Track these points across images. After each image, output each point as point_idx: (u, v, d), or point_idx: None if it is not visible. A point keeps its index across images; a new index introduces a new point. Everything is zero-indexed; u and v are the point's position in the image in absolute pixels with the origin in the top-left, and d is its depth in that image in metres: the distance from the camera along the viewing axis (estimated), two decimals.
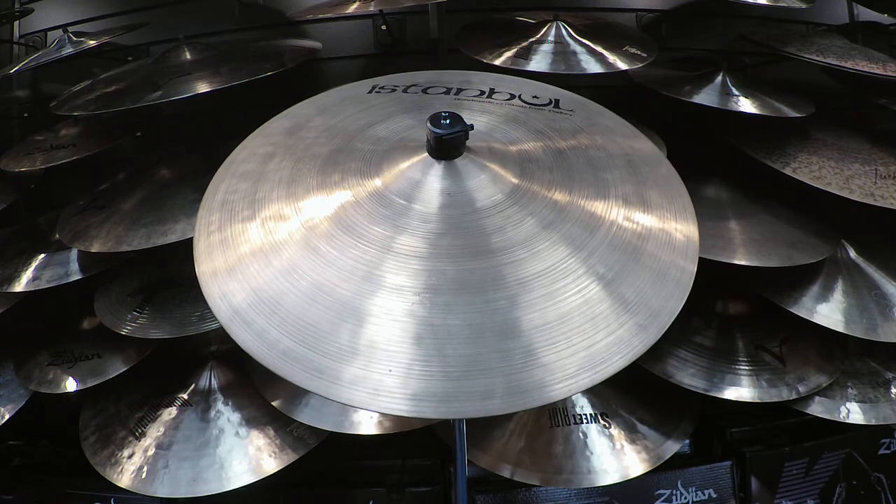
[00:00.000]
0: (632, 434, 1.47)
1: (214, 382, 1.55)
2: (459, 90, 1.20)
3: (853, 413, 1.50)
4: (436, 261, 0.87)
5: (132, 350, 1.52)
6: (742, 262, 1.38)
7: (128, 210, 1.50)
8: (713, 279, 1.56)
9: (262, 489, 1.43)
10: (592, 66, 1.51)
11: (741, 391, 1.45)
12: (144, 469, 1.40)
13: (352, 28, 1.99)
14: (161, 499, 1.41)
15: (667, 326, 0.85)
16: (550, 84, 1.27)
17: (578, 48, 1.56)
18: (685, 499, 1.53)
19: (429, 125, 0.95)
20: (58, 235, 1.53)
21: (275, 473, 1.40)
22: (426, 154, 0.98)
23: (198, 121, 1.95)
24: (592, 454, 1.43)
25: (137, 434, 1.46)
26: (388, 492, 1.51)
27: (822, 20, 2.05)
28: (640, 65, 1.55)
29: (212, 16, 1.97)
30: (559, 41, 1.58)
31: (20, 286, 1.52)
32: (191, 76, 1.48)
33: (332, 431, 1.40)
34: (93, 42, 1.61)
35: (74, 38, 1.64)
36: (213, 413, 1.49)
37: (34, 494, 1.55)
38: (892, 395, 1.53)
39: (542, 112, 1.15)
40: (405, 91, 1.20)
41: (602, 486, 1.44)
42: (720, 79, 1.55)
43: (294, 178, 1.00)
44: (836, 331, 1.43)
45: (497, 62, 1.50)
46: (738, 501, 1.56)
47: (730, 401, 1.44)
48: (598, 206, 0.96)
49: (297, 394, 1.42)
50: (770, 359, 1.50)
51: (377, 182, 0.97)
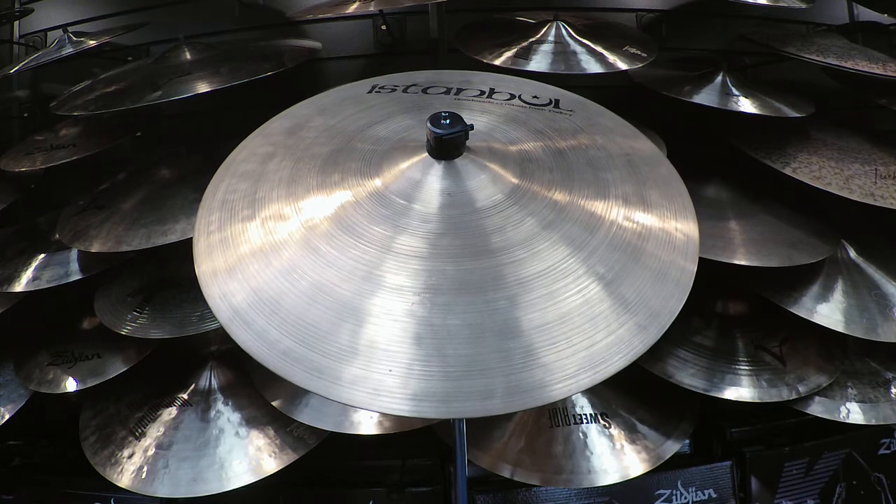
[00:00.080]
0: (632, 434, 1.47)
1: (214, 382, 1.55)
2: (459, 90, 1.20)
3: (853, 413, 1.50)
4: (436, 261, 0.87)
5: (132, 350, 1.52)
6: (742, 262, 1.38)
7: (128, 210, 1.50)
8: (713, 279, 1.56)
9: (262, 489, 1.43)
10: (592, 66, 1.51)
11: (741, 391, 1.45)
12: (144, 469, 1.40)
13: (352, 28, 1.99)
14: (161, 499, 1.41)
15: (667, 326, 0.85)
16: (550, 84, 1.27)
17: (578, 48, 1.56)
18: (685, 499, 1.53)
19: (429, 125, 0.95)
20: (58, 235, 1.53)
21: (275, 473, 1.40)
22: (426, 154, 0.98)
23: (198, 121, 1.95)
24: (592, 454, 1.43)
25: (137, 434, 1.46)
26: (388, 492, 1.51)
27: (822, 20, 2.05)
28: (640, 65, 1.55)
29: (212, 16, 1.97)
30: (559, 41, 1.58)
31: (20, 286, 1.52)
32: (191, 76, 1.48)
33: (332, 431, 1.40)
34: (93, 42, 1.61)
35: (74, 38, 1.64)
36: (213, 413, 1.49)
37: (34, 494, 1.55)
38: (892, 395, 1.53)
39: (542, 112, 1.15)
40: (405, 91, 1.20)
41: (602, 486, 1.44)
42: (720, 79, 1.55)
43: (294, 178, 0.99)
44: (836, 331, 1.43)
45: (497, 62, 1.50)
46: (738, 501, 1.56)
47: (730, 401, 1.44)
48: (598, 206, 0.96)
49: (297, 394, 1.42)
50: (770, 359, 1.50)
51: (377, 182, 0.97)
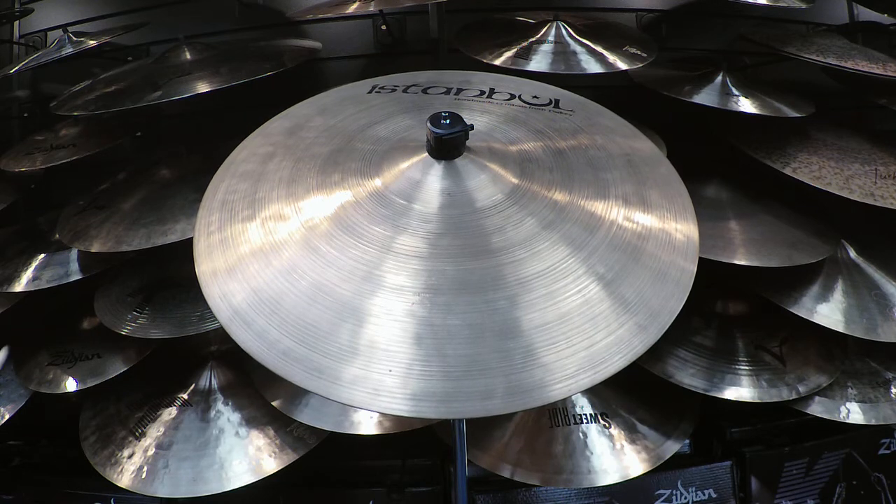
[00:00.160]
0: (632, 434, 1.47)
1: (214, 382, 1.55)
2: (459, 90, 1.20)
3: (853, 413, 1.50)
4: (436, 261, 0.87)
5: (132, 350, 1.52)
6: (742, 262, 1.38)
7: (128, 210, 1.50)
8: (713, 279, 1.55)
9: (262, 489, 1.43)
10: (592, 66, 1.51)
11: (741, 391, 1.45)
12: (144, 469, 1.40)
13: (352, 28, 1.99)
14: (161, 499, 1.41)
15: (667, 326, 0.85)
16: (550, 84, 1.26)
17: (578, 48, 1.56)
18: (685, 499, 1.53)
19: (429, 125, 0.95)
20: (58, 235, 1.53)
21: (275, 473, 1.40)
22: (426, 154, 0.98)
23: (198, 121, 1.95)
24: (592, 454, 1.43)
25: (137, 434, 1.46)
26: (388, 492, 1.51)
27: (822, 20, 2.05)
28: (640, 65, 1.55)
29: (212, 16, 1.97)
30: (559, 41, 1.58)
31: (20, 286, 1.52)
32: (191, 76, 1.48)
33: (332, 431, 1.40)
34: (93, 42, 1.61)
35: (74, 38, 1.64)
36: (213, 413, 1.49)
37: (34, 494, 1.55)
38: (892, 395, 1.53)
39: (542, 112, 1.15)
40: (405, 91, 1.20)
41: (602, 486, 1.44)
42: (720, 79, 1.55)
43: (294, 178, 0.99)
44: (836, 331, 1.43)
45: (497, 62, 1.50)
46: (738, 501, 1.56)
47: (730, 401, 1.44)
48: (598, 206, 0.96)
49: (297, 394, 1.42)
50: (770, 359, 1.50)
51: (377, 182, 0.97)
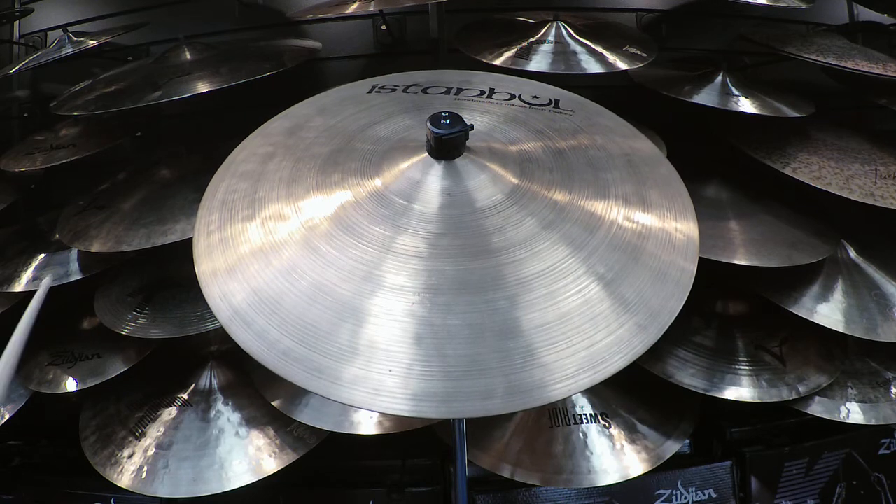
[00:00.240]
0: (632, 434, 1.47)
1: (214, 382, 1.55)
2: (459, 90, 1.20)
3: (853, 413, 1.50)
4: (436, 261, 0.87)
5: (132, 350, 1.52)
6: (742, 262, 1.38)
7: (128, 210, 1.50)
8: (713, 279, 1.55)
9: (262, 489, 1.43)
10: (592, 66, 1.51)
11: (741, 391, 1.45)
12: (144, 469, 1.40)
13: (352, 28, 1.99)
14: (161, 499, 1.41)
15: (667, 326, 0.85)
16: (550, 84, 1.26)
17: (578, 48, 1.56)
18: (685, 499, 1.53)
19: (429, 125, 0.95)
20: (58, 235, 1.53)
21: (275, 473, 1.40)
22: (426, 154, 0.98)
23: (198, 121, 1.95)
24: (592, 454, 1.43)
25: (137, 434, 1.46)
26: (388, 492, 1.51)
27: (822, 20, 2.05)
28: (640, 65, 1.55)
29: (212, 16, 1.97)
30: (559, 41, 1.58)
31: (20, 286, 1.52)
32: (191, 76, 1.48)
33: (332, 431, 1.40)
34: (93, 42, 1.61)
35: (74, 38, 1.64)
36: (213, 413, 1.49)
37: (34, 494, 1.55)
38: (892, 395, 1.53)
39: (542, 112, 1.14)
40: (405, 91, 1.20)
41: (602, 486, 1.44)
42: (720, 79, 1.55)
43: (294, 178, 0.99)
44: (836, 331, 1.43)
45: (497, 62, 1.50)
46: (738, 501, 1.56)
47: (730, 401, 1.44)
48: (598, 206, 0.96)
49: (297, 394, 1.42)
50: (770, 359, 1.50)
51: (377, 182, 0.97)
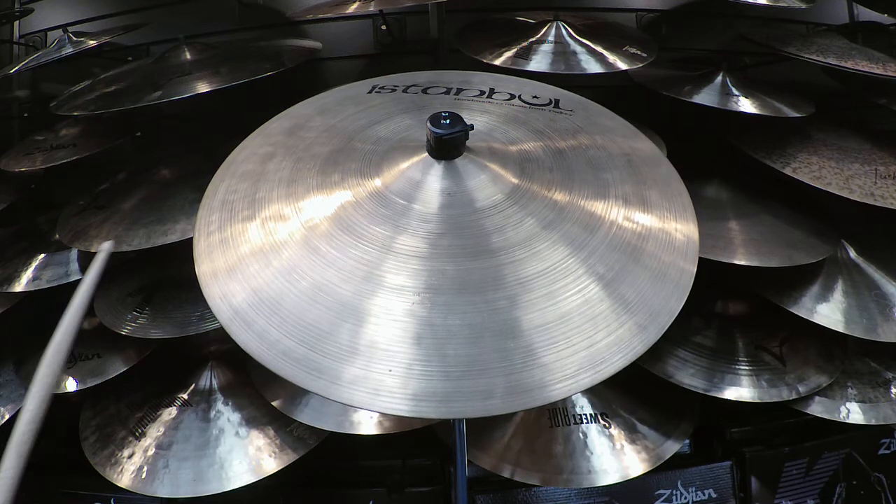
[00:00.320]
0: (632, 434, 1.47)
1: (214, 382, 1.55)
2: (459, 90, 1.19)
3: (853, 413, 1.49)
4: (436, 261, 0.87)
5: (132, 350, 1.52)
6: (742, 262, 1.38)
7: (128, 210, 1.50)
8: (713, 279, 1.55)
9: (262, 489, 1.43)
10: (592, 66, 1.51)
11: (741, 391, 1.45)
12: (144, 469, 1.40)
13: (352, 28, 1.99)
14: (161, 499, 1.41)
15: (667, 326, 0.85)
16: (550, 84, 1.26)
17: (578, 48, 1.56)
18: (685, 499, 1.53)
19: (429, 125, 0.95)
20: (58, 235, 1.53)
21: (275, 473, 1.40)
22: (426, 154, 0.98)
23: (198, 121, 1.95)
24: (592, 454, 1.43)
25: (137, 434, 1.46)
26: (388, 492, 1.51)
27: (822, 20, 2.05)
28: (640, 65, 1.55)
29: (212, 16, 1.97)
30: (559, 41, 1.58)
31: (20, 286, 1.52)
32: (191, 76, 1.48)
33: (332, 431, 1.40)
34: (93, 42, 1.61)
35: (74, 38, 1.64)
36: (213, 413, 1.49)
37: (34, 494, 1.55)
38: (892, 395, 1.53)
39: (542, 112, 1.14)
40: (405, 91, 1.20)
41: (602, 486, 1.44)
42: (720, 79, 1.55)
43: (294, 178, 0.99)
44: (836, 331, 1.43)
45: (497, 62, 1.50)
46: (738, 501, 1.56)
47: (730, 401, 1.44)
48: (598, 206, 0.96)
49: (297, 394, 1.42)
50: (770, 359, 1.50)
51: (377, 182, 0.97)
